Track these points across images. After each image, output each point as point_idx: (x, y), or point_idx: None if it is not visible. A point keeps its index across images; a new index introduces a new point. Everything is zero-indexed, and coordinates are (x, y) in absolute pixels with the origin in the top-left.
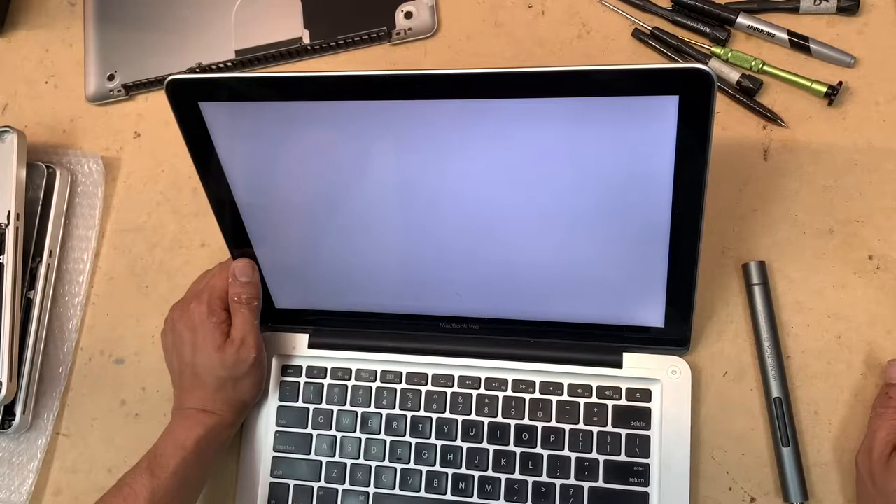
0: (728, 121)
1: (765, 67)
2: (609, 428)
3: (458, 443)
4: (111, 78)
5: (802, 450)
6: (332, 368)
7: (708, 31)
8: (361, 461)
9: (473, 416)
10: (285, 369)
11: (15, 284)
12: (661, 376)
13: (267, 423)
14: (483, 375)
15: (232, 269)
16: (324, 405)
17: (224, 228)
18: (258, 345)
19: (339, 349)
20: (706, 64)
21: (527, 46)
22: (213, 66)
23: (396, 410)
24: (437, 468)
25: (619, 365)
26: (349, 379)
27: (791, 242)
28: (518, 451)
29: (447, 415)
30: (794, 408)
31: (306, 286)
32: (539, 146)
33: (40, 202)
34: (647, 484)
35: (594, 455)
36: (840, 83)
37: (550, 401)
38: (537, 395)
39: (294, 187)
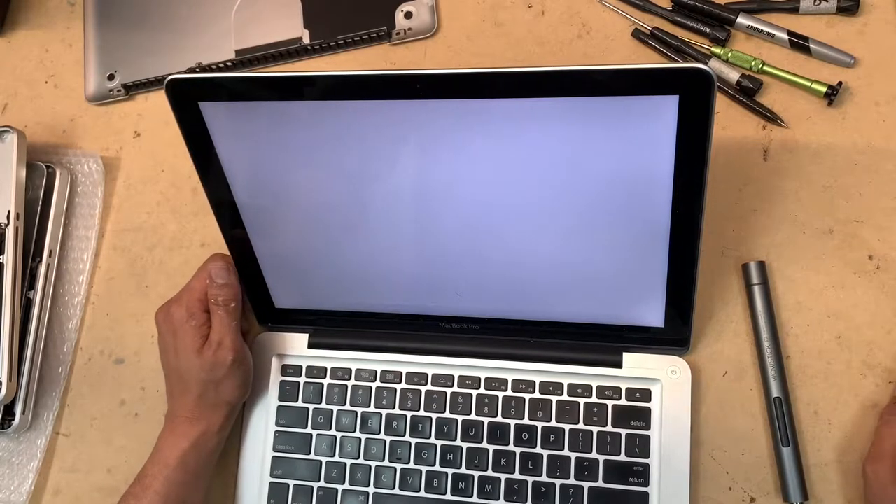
0: (728, 121)
1: (765, 67)
2: (609, 428)
3: (458, 443)
4: (111, 78)
5: (802, 450)
6: (332, 368)
7: (708, 31)
8: (361, 461)
9: (473, 416)
10: (285, 369)
11: (15, 284)
12: (660, 376)
13: (267, 423)
14: (483, 375)
15: (208, 270)
16: (324, 405)
17: (224, 228)
18: (236, 346)
19: (339, 349)
20: (706, 64)
21: (527, 46)
22: (213, 66)
23: (396, 410)
24: (437, 468)
25: (618, 365)
26: (349, 379)
27: (791, 242)
28: (518, 451)
29: (447, 415)
30: (794, 408)
31: (306, 286)
32: (539, 146)
33: (40, 202)
34: (646, 484)
35: (594, 455)
36: (840, 83)
37: (550, 401)
38: (537, 395)
39: (294, 187)
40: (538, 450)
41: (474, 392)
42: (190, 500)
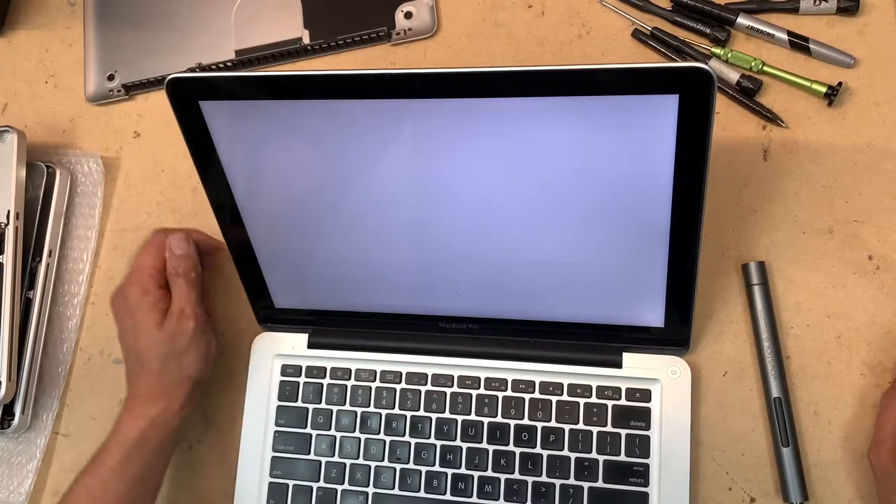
0: (728, 121)
1: (765, 68)
2: (609, 428)
3: (458, 443)
4: (111, 78)
5: (802, 450)
6: (332, 368)
7: (708, 31)
8: (361, 461)
9: (473, 416)
10: (285, 369)
11: (15, 284)
12: (660, 376)
13: (266, 423)
14: (483, 375)
15: (168, 242)
16: (323, 405)
17: (224, 228)
18: (197, 314)
19: (338, 349)
20: (706, 64)
21: (527, 46)
22: (213, 66)
23: (396, 410)
24: (437, 468)
25: (618, 365)
26: (349, 379)
27: (791, 242)
28: (518, 451)
29: (447, 415)
30: (794, 408)
31: (306, 286)
32: (539, 145)
33: (40, 202)
34: (646, 484)
35: (594, 455)
36: (840, 83)
37: (550, 401)
38: (537, 395)
39: (294, 187)
40: (538, 450)
41: (474, 392)
42: (149, 478)
